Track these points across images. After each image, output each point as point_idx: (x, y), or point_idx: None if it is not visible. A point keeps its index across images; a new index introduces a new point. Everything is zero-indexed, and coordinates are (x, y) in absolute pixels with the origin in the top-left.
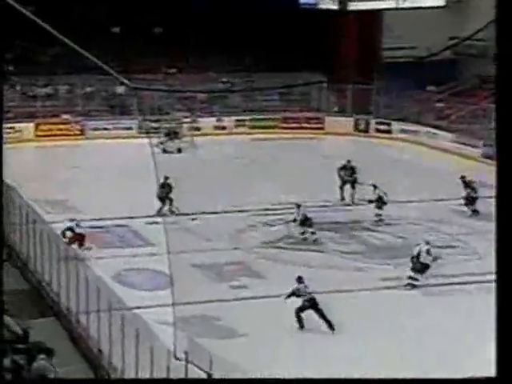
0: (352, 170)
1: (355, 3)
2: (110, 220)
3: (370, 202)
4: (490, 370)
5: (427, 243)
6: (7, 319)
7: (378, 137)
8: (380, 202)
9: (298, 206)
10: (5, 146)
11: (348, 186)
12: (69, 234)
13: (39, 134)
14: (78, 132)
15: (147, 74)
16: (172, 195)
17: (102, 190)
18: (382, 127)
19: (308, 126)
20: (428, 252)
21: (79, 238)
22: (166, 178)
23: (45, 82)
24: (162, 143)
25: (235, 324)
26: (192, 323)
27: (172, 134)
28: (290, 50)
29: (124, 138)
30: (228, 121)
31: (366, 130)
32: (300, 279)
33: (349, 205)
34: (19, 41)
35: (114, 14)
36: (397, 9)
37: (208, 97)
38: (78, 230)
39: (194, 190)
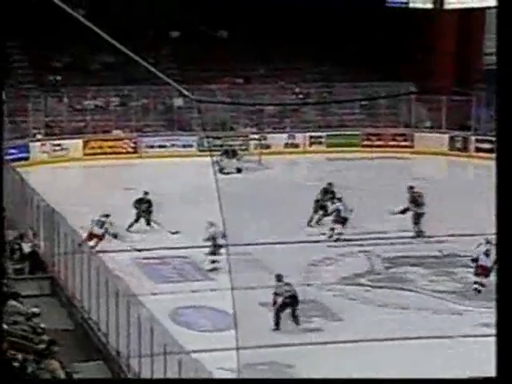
0: None
1: (453, 1)
2: (167, 250)
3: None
4: None
5: (488, 242)
6: (52, 362)
7: (479, 157)
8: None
9: (211, 224)
10: (50, 166)
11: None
12: (96, 229)
13: (88, 151)
14: (132, 150)
15: (210, 84)
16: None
17: (157, 216)
18: (483, 146)
19: (395, 143)
20: (487, 253)
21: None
22: (146, 193)
23: (94, 94)
24: (218, 162)
25: (310, 372)
26: (260, 370)
27: (230, 153)
28: (375, 55)
29: (183, 156)
30: (301, 137)
31: (464, 149)
32: (279, 277)
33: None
34: (69, 47)
35: (173, 16)
36: None
37: (279, 110)
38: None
39: (258, 216)
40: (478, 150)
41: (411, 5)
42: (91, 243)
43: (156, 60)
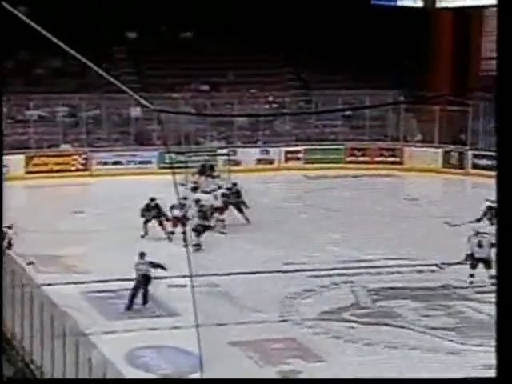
0: None
1: None
2: (123, 282)
3: (473, 262)
4: None
5: (477, 233)
6: None
7: (477, 175)
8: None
9: (142, 254)
10: None
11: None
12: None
13: (31, 169)
14: (82, 167)
15: (172, 92)
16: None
17: (111, 243)
18: (481, 162)
19: (382, 159)
20: (480, 245)
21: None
22: (152, 199)
23: (38, 103)
24: (195, 182)
25: None
26: None
27: (208, 170)
28: (359, 59)
29: (141, 174)
30: (276, 152)
31: (459, 166)
32: (142, 255)
33: (436, 265)
34: (9, 49)
35: (129, 15)
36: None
37: (250, 122)
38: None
39: (226, 244)
40: (475, 166)
41: (399, 3)
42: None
43: (110, 64)
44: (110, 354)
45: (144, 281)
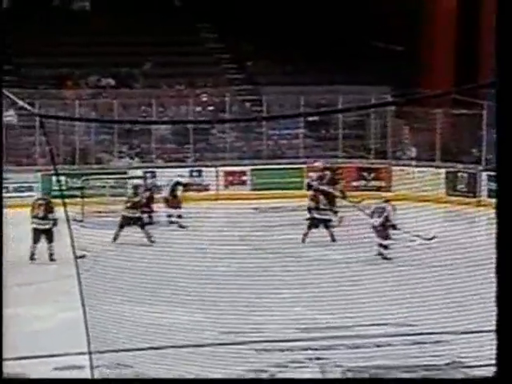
0: None
1: None
2: None
3: None
4: None
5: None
6: None
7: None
8: None
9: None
10: None
11: None
12: None
13: None
14: None
15: (60, 88)
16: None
17: None
18: None
19: (361, 184)
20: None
21: None
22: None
23: None
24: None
25: None
26: None
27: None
28: (328, 45)
29: (16, 206)
30: (212, 176)
31: (470, 193)
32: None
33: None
34: None
35: None
36: None
37: (176, 131)
38: None
39: (143, 300)
40: (492, 193)
41: None
42: None
43: None
44: None
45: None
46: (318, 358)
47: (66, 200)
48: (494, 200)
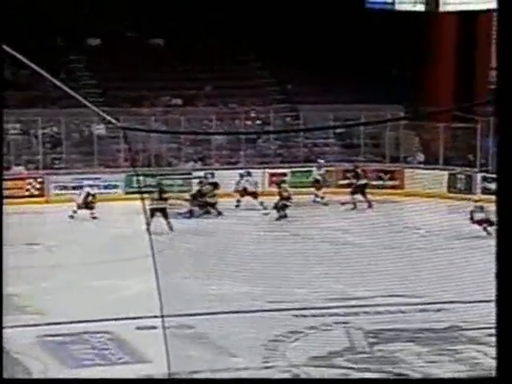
0: None
1: (452, 1)
2: (84, 323)
3: None
4: None
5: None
6: None
7: (488, 201)
8: None
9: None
10: None
11: None
12: None
13: None
14: (37, 192)
15: (140, 107)
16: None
17: (71, 280)
18: (492, 186)
19: (379, 183)
20: None
21: None
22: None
23: None
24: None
25: None
26: None
27: (199, 195)
28: (352, 70)
29: (106, 200)
30: (259, 176)
31: (467, 190)
32: None
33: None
34: None
35: (92, 19)
36: None
37: (229, 141)
38: None
39: (204, 279)
40: (485, 191)
41: (397, 7)
42: None
43: (68, 75)
44: None
45: None
46: (344, 323)
47: (144, 195)
48: (486, 196)
